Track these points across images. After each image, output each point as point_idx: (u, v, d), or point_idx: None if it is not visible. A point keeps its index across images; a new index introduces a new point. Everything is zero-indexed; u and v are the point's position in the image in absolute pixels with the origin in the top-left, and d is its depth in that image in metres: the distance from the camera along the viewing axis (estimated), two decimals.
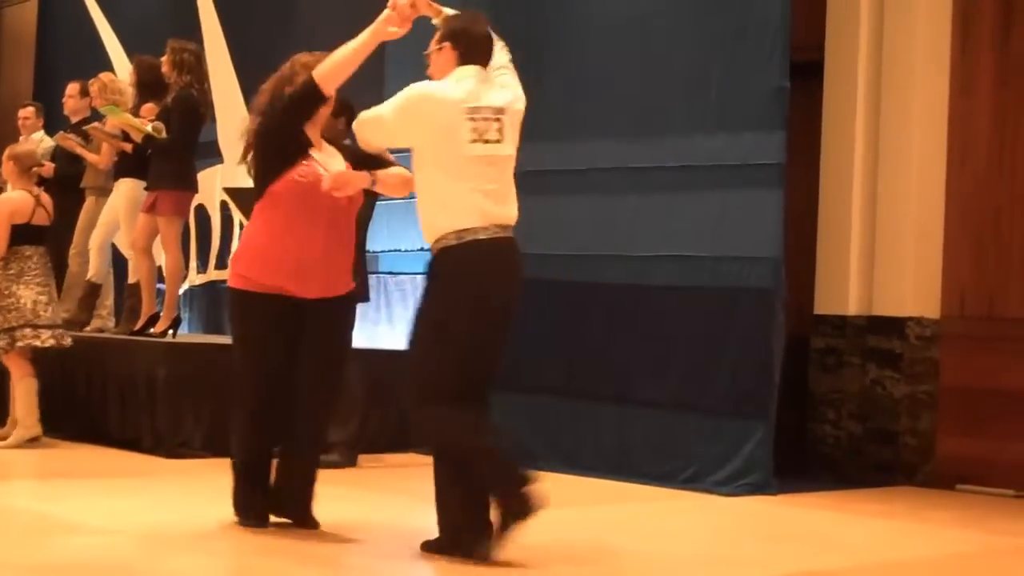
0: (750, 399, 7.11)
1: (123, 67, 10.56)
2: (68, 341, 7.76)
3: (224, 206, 10.25)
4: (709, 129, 7.42)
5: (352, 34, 5.05)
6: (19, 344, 7.55)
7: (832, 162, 8.17)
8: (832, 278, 8.15)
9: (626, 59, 7.87)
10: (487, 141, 4.72)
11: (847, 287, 8.05)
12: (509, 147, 4.82)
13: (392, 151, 5.45)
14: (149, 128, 8.20)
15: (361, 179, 5.10)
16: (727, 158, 7.31)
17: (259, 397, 5.14)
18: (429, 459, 4.82)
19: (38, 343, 7.58)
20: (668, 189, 7.54)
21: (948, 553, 5.68)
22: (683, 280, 7.43)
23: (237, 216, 10.13)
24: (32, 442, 7.52)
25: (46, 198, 7.94)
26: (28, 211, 7.72)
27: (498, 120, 4.75)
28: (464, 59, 4.83)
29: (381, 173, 5.19)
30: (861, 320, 8.03)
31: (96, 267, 8.90)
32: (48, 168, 9.62)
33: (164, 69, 8.41)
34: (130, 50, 11.01)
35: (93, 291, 8.99)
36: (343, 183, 5.01)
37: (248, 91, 10.47)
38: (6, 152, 8.06)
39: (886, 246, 7.97)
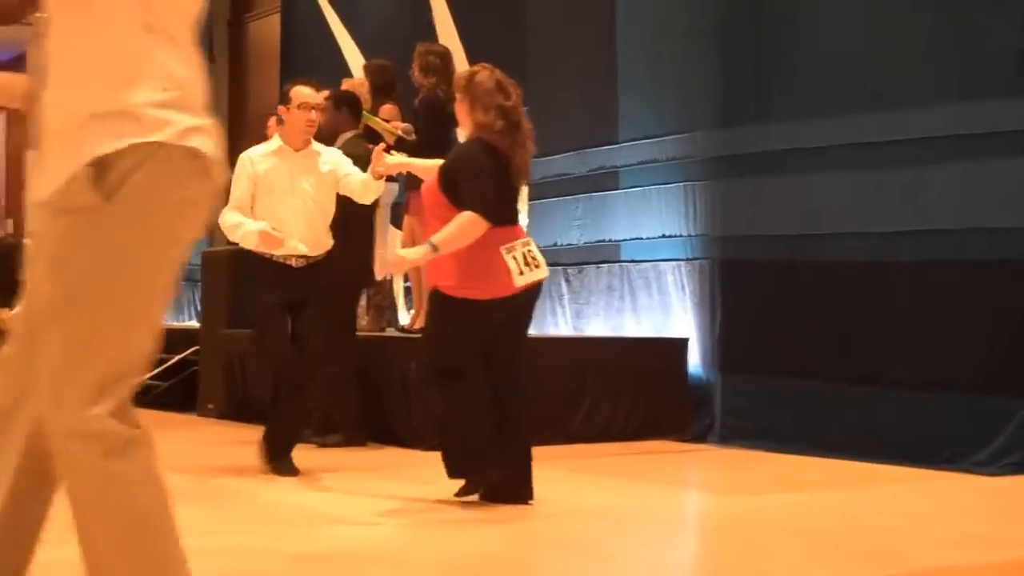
0: (1008, 375, 6.88)
1: (361, 71, 10.87)
2: None
3: None
4: (949, 97, 7.20)
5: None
6: None
7: None
8: None
9: (855, 30, 7.71)
10: None
11: None
12: None
13: None
14: (399, 131, 8.50)
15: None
16: (969, 127, 7.09)
17: None
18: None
19: None
20: (908, 163, 7.35)
21: None
22: (928, 255, 7.24)
23: None
24: None
25: None
26: None
27: None
28: None
29: None
30: None
31: None
32: None
33: (414, 75, 8.61)
34: (368, 54, 11.32)
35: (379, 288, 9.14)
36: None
37: None
38: None
39: None
